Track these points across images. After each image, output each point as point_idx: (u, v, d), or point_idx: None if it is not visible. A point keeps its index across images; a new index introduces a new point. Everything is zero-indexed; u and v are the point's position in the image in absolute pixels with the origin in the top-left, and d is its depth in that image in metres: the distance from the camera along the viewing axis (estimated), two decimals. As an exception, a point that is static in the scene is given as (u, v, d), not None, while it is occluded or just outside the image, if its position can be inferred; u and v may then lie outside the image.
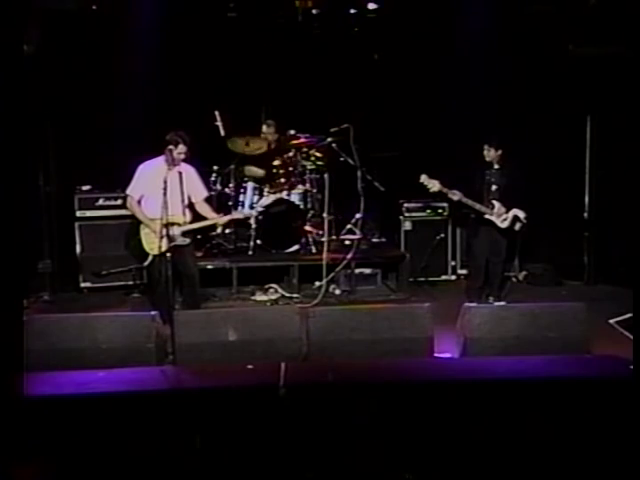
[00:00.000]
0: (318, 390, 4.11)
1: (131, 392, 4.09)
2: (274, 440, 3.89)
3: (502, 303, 6.97)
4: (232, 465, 3.88)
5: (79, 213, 8.07)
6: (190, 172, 6.37)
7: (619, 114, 7.89)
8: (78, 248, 8.04)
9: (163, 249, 5.78)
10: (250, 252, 7.91)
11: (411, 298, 7.67)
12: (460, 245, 8.70)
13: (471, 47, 8.28)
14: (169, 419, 3.91)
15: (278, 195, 8.09)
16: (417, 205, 8.66)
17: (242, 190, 8.24)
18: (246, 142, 8.16)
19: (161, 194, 5.55)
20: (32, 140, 7.36)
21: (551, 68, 8.30)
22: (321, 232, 8.00)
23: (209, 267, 7.58)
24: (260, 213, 7.86)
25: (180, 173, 5.89)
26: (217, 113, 8.21)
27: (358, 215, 8.11)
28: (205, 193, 6.68)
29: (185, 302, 6.57)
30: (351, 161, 7.84)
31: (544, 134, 8.43)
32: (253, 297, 7.75)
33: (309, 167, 8.39)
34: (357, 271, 7.96)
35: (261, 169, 8.37)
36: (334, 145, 8.01)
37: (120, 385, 4.19)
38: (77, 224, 8.05)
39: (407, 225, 8.66)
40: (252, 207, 8.02)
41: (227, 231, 8.07)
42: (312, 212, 8.27)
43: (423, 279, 8.36)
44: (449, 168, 7.58)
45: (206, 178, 7.74)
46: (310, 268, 7.76)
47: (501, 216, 6.89)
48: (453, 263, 8.74)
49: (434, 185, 6.76)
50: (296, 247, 8.02)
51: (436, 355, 5.19)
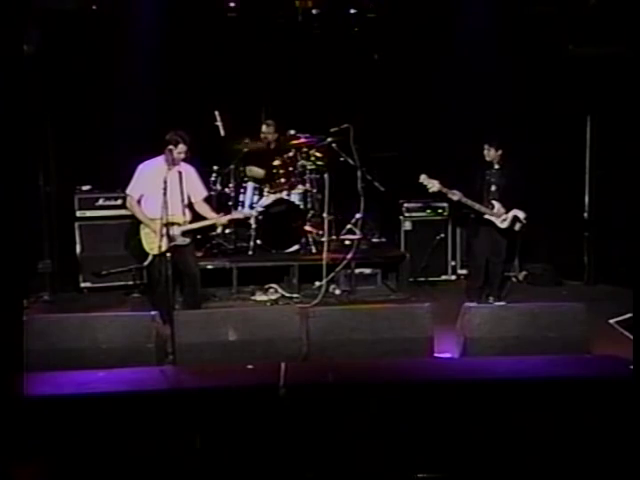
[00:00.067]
0: (318, 390, 4.10)
1: (131, 392, 4.08)
2: (274, 440, 3.88)
3: (502, 303, 6.98)
4: (232, 465, 3.88)
5: (79, 213, 8.07)
6: (190, 172, 6.36)
7: (619, 114, 7.88)
8: (78, 248, 8.05)
9: (163, 249, 5.78)
10: (250, 252, 7.92)
11: (411, 298, 7.67)
12: (460, 245, 8.70)
13: (471, 47, 8.27)
14: (169, 419, 3.91)
15: (278, 195, 8.09)
16: (417, 205, 8.66)
17: (242, 190, 8.24)
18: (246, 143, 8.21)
19: (161, 194, 5.55)
20: (32, 140, 7.37)
21: (551, 68, 8.30)
22: (321, 232, 8.01)
23: (209, 267, 7.58)
24: (260, 213, 7.87)
25: (180, 173, 5.89)
26: (217, 113, 8.21)
27: (358, 215, 8.11)
28: (204, 193, 6.68)
29: (186, 302, 6.56)
30: (351, 161, 7.84)
31: (544, 134, 8.44)
32: (253, 297, 7.76)
33: (309, 167, 8.39)
34: (357, 271, 7.97)
35: (262, 169, 8.38)
36: (334, 145, 8.01)
37: (120, 385, 4.19)
38: (77, 224, 8.05)
39: (407, 225, 8.66)
40: (252, 207, 8.03)
41: (227, 231, 8.08)
42: (312, 212, 8.27)
43: (423, 279, 8.37)
44: (449, 168, 7.60)
45: (206, 178, 7.75)
46: (310, 268, 7.76)
47: (501, 216, 6.90)
48: (453, 263, 8.74)
49: (433, 185, 6.76)
50: (296, 247, 8.03)
51: (436, 355, 5.19)
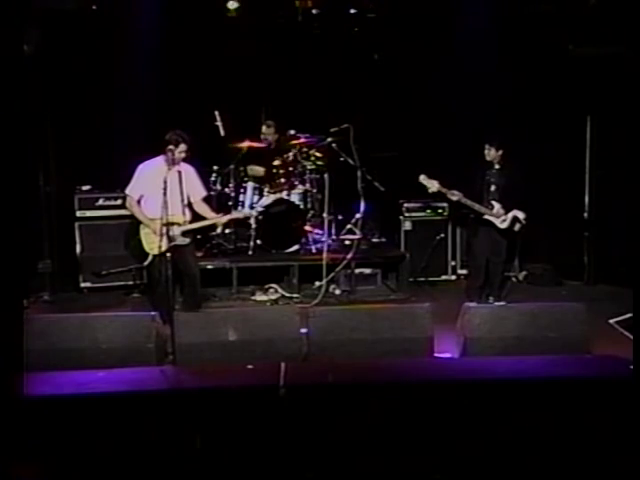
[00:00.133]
0: (318, 390, 4.11)
1: (131, 392, 4.09)
2: (274, 440, 3.88)
3: (502, 303, 6.98)
4: (232, 465, 3.88)
5: (79, 213, 8.07)
6: (189, 171, 6.36)
7: (619, 114, 7.88)
8: (78, 248, 8.05)
9: (163, 249, 5.77)
10: (250, 252, 7.92)
11: (411, 298, 7.67)
12: (460, 245, 8.70)
13: (471, 47, 8.28)
14: (169, 419, 3.91)
15: (278, 195, 8.09)
16: (417, 205, 8.66)
17: (242, 190, 8.24)
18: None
19: (161, 194, 5.54)
20: (32, 140, 7.36)
21: (551, 68, 8.30)
22: (321, 232, 8.00)
23: (209, 267, 7.58)
24: (260, 213, 7.87)
25: (179, 172, 5.89)
26: (217, 113, 8.21)
27: (358, 215, 8.10)
28: (204, 193, 6.67)
29: (186, 302, 6.56)
30: (351, 161, 7.83)
31: (544, 134, 8.44)
32: (253, 297, 7.75)
33: (309, 167, 8.39)
34: (357, 271, 7.96)
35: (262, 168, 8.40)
36: (334, 145, 8.00)
37: (120, 385, 4.19)
38: (77, 224, 8.05)
39: (407, 225, 8.65)
40: (252, 207, 8.03)
41: (227, 231, 8.07)
42: (312, 212, 8.27)
43: (423, 279, 8.36)
44: (449, 168, 7.60)
45: (206, 178, 7.75)
46: (310, 268, 7.76)
47: (500, 217, 6.89)
48: (453, 263, 8.74)
49: (433, 185, 6.76)
50: (296, 247, 8.03)
51: (436, 355, 5.19)
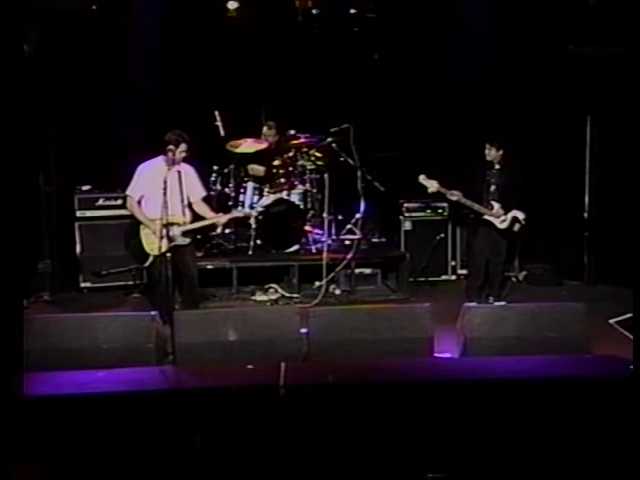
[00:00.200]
0: (318, 390, 4.11)
1: (131, 392, 4.09)
2: (274, 440, 3.89)
3: (502, 303, 6.99)
4: (232, 465, 3.88)
5: (79, 213, 8.07)
6: (189, 171, 6.36)
7: (619, 114, 7.88)
8: (78, 248, 8.04)
9: (163, 249, 5.77)
10: (250, 252, 7.91)
11: (411, 298, 7.66)
12: (460, 245, 8.69)
13: (471, 47, 8.28)
14: (169, 419, 3.91)
15: (278, 195, 8.08)
16: (417, 205, 8.65)
17: (242, 190, 8.23)
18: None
19: (161, 194, 5.55)
20: (32, 140, 7.36)
21: (551, 68, 8.30)
22: (321, 232, 8.00)
23: (209, 267, 7.58)
24: (260, 213, 7.87)
25: (179, 172, 5.89)
26: (217, 113, 8.20)
27: (358, 215, 8.10)
28: (203, 193, 6.67)
29: (185, 302, 6.56)
30: (351, 161, 7.84)
31: (544, 134, 8.44)
32: (253, 297, 7.75)
33: (309, 167, 8.38)
34: (357, 271, 7.96)
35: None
36: (334, 145, 8.00)
37: (120, 385, 4.19)
38: (77, 224, 8.04)
39: (407, 225, 8.65)
40: (252, 207, 8.02)
41: (227, 231, 8.07)
42: (312, 212, 8.27)
43: (423, 279, 8.36)
44: (449, 168, 7.59)
45: (206, 178, 7.75)
46: (310, 268, 7.76)
47: (500, 217, 6.89)
48: (453, 263, 8.73)
49: (432, 185, 6.76)
50: (296, 247, 8.03)
51: (436, 355, 5.19)
